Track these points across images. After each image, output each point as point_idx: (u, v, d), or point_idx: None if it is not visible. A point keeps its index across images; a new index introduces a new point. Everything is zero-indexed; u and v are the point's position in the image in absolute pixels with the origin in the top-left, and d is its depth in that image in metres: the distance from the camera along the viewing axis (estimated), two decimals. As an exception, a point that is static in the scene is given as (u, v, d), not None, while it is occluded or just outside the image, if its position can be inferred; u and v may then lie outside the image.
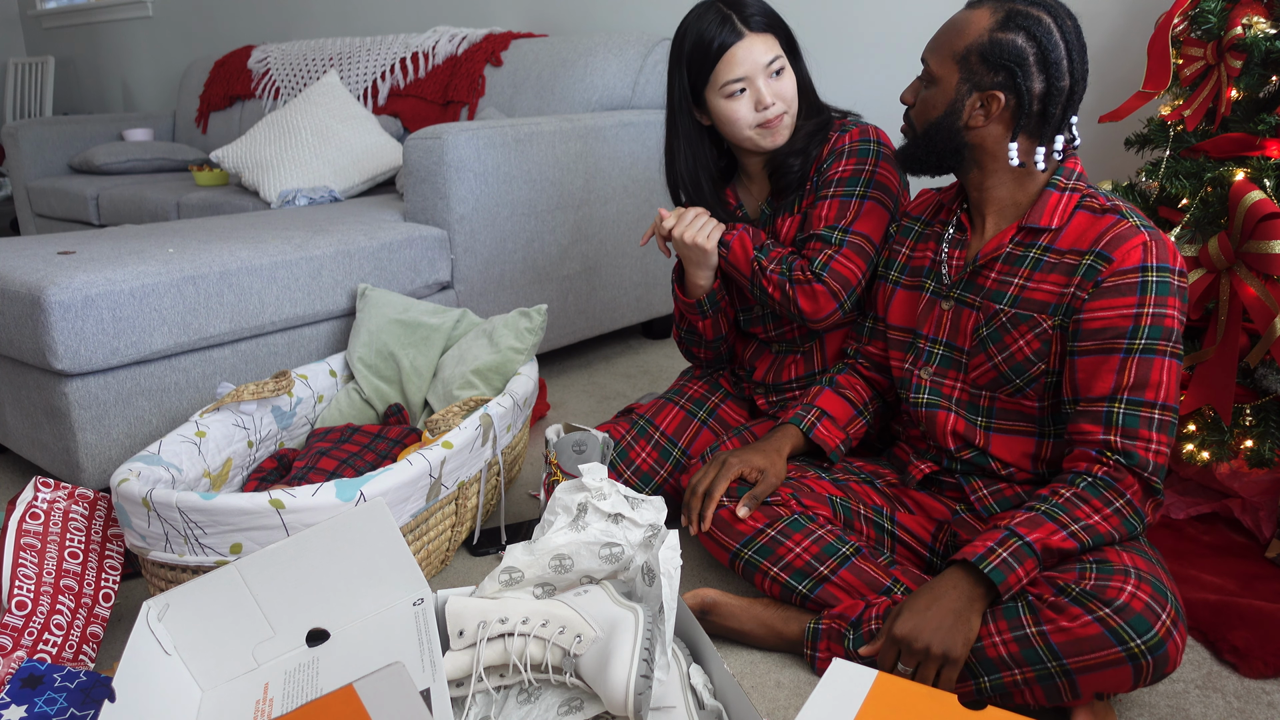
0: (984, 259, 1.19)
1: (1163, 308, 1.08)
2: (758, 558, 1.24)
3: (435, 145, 2.00)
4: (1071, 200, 1.15)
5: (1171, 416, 1.09)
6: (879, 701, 0.80)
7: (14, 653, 1.11)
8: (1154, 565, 1.04)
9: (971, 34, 1.12)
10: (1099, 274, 1.09)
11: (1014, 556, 1.04)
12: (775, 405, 1.57)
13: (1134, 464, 1.08)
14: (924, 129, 1.18)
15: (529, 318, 1.73)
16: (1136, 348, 1.08)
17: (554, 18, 3.08)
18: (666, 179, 1.55)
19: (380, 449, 1.59)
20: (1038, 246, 1.16)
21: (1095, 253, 1.10)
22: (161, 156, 3.54)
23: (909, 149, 1.22)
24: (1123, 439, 1.08)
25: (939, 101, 1.16)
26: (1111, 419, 1.09)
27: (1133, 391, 1.08)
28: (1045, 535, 1.05)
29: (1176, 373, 1.09)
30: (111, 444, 1.61)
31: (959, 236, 1.25)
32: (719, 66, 1.39)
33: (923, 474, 1.30)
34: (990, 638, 1.03)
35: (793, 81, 1.42)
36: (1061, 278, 1.13)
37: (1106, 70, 2.10)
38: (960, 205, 1.27)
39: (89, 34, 4.95)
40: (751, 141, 1.42)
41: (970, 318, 1.22)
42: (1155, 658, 0.97)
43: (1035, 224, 1.15)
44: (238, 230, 1.97)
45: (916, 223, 1.35)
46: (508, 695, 1.03)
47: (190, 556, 1.20)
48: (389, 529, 1.08)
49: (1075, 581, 1.01)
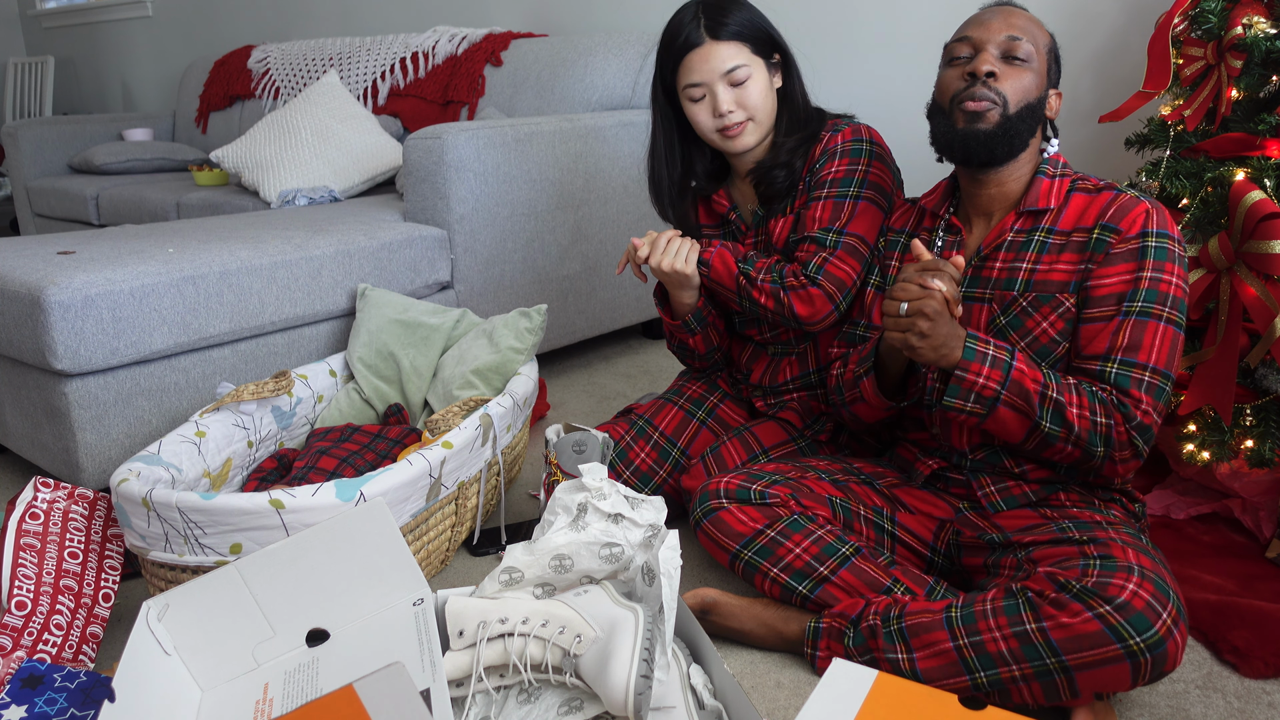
0: (987, 249, 1.21)
1: (1160, 272, 1.11)
2: (757, 559, 1.24)
3: (435, 145, 2.00)
4: (1063, 184, 1.20)
5: (1161, 381, 1.11)
6: (879, 701, 0.80)
7: (14, 653, 1.11)
8: (1157, 564, 1.03)
9: (1044, 32, 1.19)
10: (1109, 245, 1.13)
11: (994, 360, 1.12)
12: (773, 407, 1.56)
13: (1124, 411, 1.10)
14: (1019, 110, 1.16)
15: (529, 318, 1.73)
16: (1134, 310, 1.12)
17: (554, 18, 3.08)
18: (652, 190, 1.53)
19: (380, 449, 1.59)
20: (1040, 230, 1.19)
21: (1102, 225, 1.14)
22: (161, 156, 3.54)
23: (998, 128, 1.15)
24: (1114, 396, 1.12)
25: (1035, 85, 1.16)
26: (1104, 377, 1.12)
27: (1126, 352, 1.11)
28: (1027, 371, 1.11)
29: (1172, 339, 1.11)
30: (111, 444, 1.61)
31: (952, 239, 1.26)
32: (680, 69, 1.39)
33: (930, 469, 1.29)
34: (990, 633, 1.03)
35: (761, 90, 1.39)
36: (1075, 255, 1.16)
37: (1106, 70, 2.10)
38: (948, 209, 1.27)
39: (89, 34, 4.95)
40: (715, 145, 1.42)
41: (982, 311, 1.23)
42: (1154, 656, 0.96)
43: (1034, 207, 1.18)
44: (238, 230, 1.97)
45: (902, 235, 1.35)
46: (508, 695, 1.03)
47: (190, 556, 1.20)
48: (389, 529, 1.08)
49: (1077, 578, 1.01)
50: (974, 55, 1.18)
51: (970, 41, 1.18)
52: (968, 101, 1.16)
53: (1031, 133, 1.18)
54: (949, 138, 1.19)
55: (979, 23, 1.19)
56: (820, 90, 2.52)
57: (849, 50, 2.48)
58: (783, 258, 1.46)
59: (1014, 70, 1.16)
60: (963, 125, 1.17)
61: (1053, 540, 1.11)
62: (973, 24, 1.20)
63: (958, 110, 1.17)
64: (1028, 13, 1.20)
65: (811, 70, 1.50)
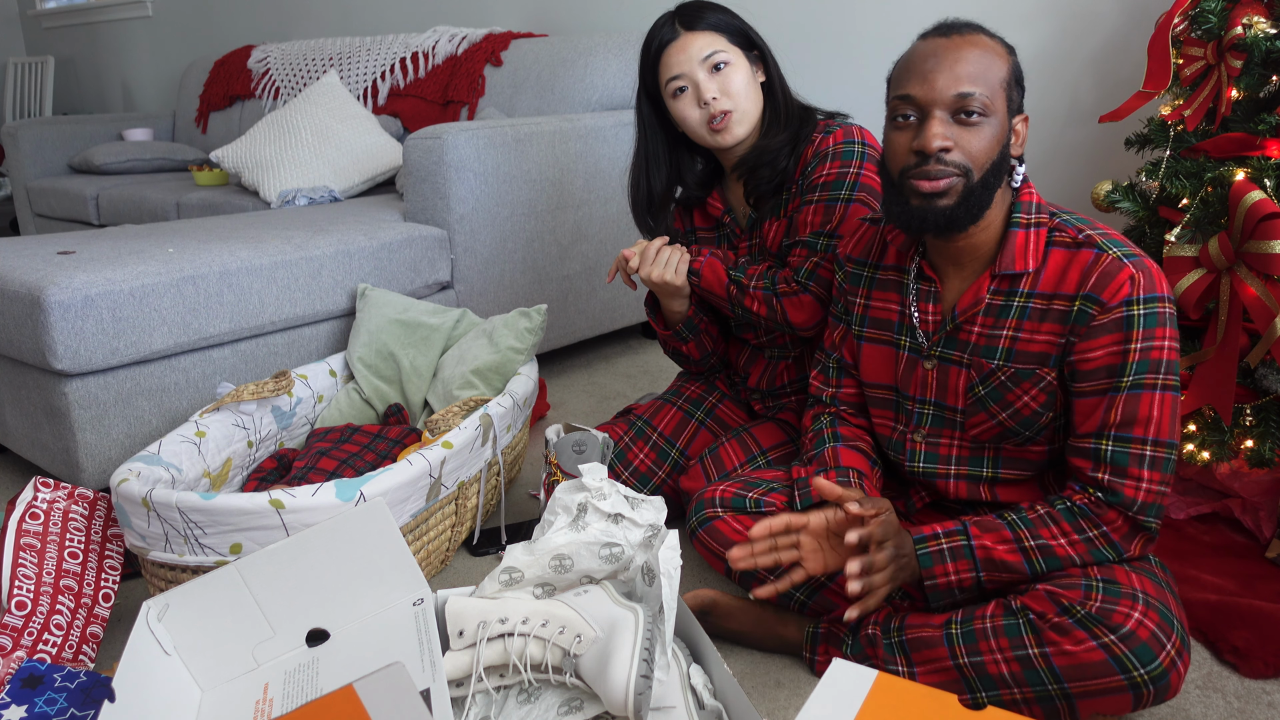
0: (963, 315, 1.12)
1: (1151, 340, 1.01)
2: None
3: (435, 145, 2.00)
4: (1040, 237, 1.07)
5: (1165, 452, 1.03)
6: (879, 701, 0.80)
7: (14, 653, 1.11)
8: (1163, 590, 1.02)
9: (999, 59, 1.03)
10: (1091, 317, 1.03)
11: (951, 553, 1.07)
12: (771, 410, 1.56)
13: (1118, 501, 1.03)
14: (984, 175, 1.02)
15: (529, 318, 1.73)
16: (1124, 385, 1.02)
17: (554, 18, 3.08)
18: (632, 204, 1.52)
19: (380, 449, 1.59)
20: (1019, 294, 1.08)
21: (1084, 295, 1.03)
22: (161, 156, 3.54)
23: (959, 203, 1.03)
24: (1111, 476, 1.03)
25: (996, 138, 1.02)
26: (1100, 456, 1.04)
27: (1120, 428, 1.03)
28: (993, 543, 1.06)
29: (1171, 405, 1.03)
30: (111, 444, 1.61)
31: (926, 288, 1.15)
32: (659, 67, 1.39)
33: (925, 503, 1.28)
34: (991, 654, 1.02)
35: (742, 79, 1.38)
36: (1056, 326, 1.06)
37: (1106, 70, 2.10)
38: (916, 252, 1.17)
39: (89, 34, 4.95)
40: (705, 141, 1.41)
41: (960, 375, 1.14)
42: (1157, 688, 0.96)
43: (1011, 270, 1.07)
44: (238, 230, 1.97)
45: (864, 267, 1.23)
46: (508, 695, 1.03)
47: (190, 556, 1.20)
48: (389, 529, 1.08)
49: (1080, 602, 0.99)
50: (921, 119, 1.02)
51: (913, 102, 1.02)
52: (921, 181, 1.02)
53: (998, 185, 1.05)
54: (904, 216, 1.06)
55: (921, 76, 1.02)
56: (816, 91, 2.51)
57: (844, 51, 2.48)
58: (776, 263, 1.46)
59: (969, 131, 1.01)
60: (917, 204, 1.04)
61: None
62: (914, 76, 1.02)
63: (909, 184, 1.04)
64: (980, 38, 1.03)
65: (807, 71, 1.50)
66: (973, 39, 1.02)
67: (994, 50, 1.03)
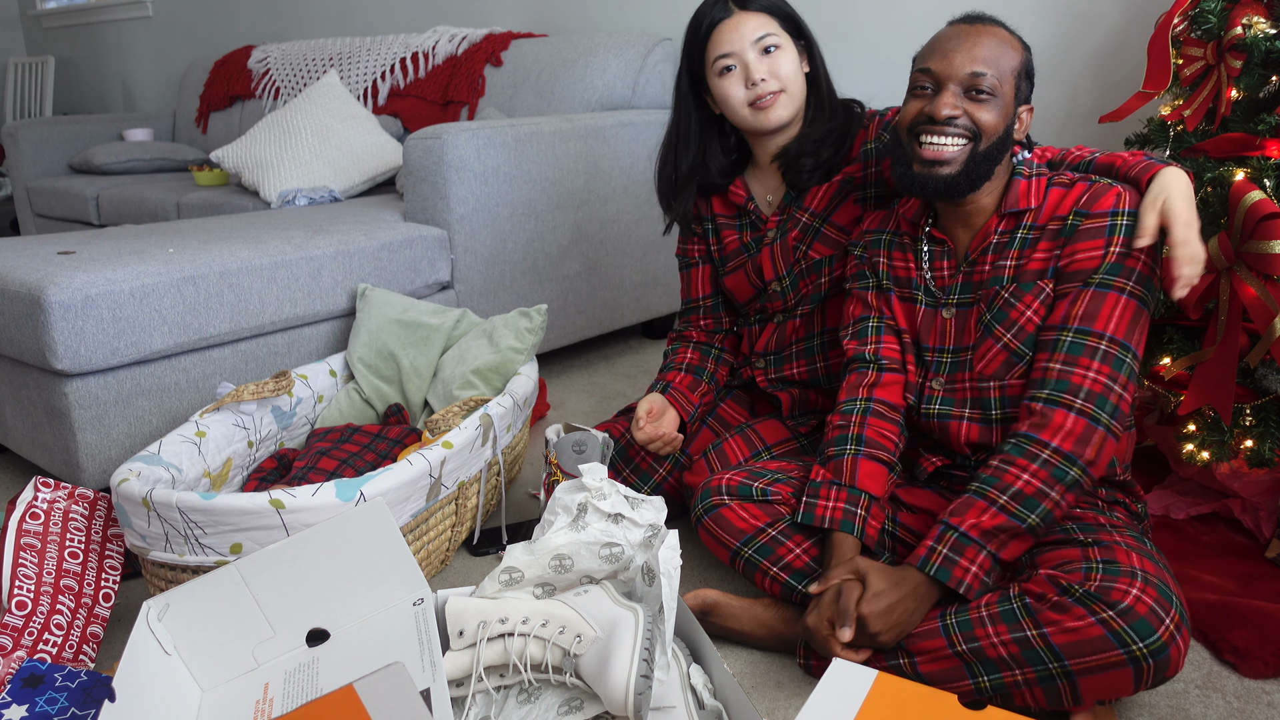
0: (974, 253, 1.20)
1: (1128, 249, 1.10)
2: (758, 556, 1.24)
3: (435, 145, 2.00)
4: (1040, 182, 1.18)
5: (1119, 351, 1.08)
6: (879, 701, 0.80)
7: (14, 653, 1.11)
8: (1161, 569, 1.03)
9: (1014, 50, 1.14)
10: (1078, 226, 1.13)
11: (953, 550, 1.08)
12: (775, 384, 1.55)
13: (1065, 391, 1.08)
14: (989, 146, 1.13)
15: (529, 318, 1.73)
16: (1094, 282, 1.10)
17: (554, 18, 3.08)
18: (657, 182, 1.54)
19: (380, 449, 1.59)
20: (1023, 227, 1.17)
21: (1075, 211, 1.13)
22: (161, 156, 3.54)
23: (960, 172, 1.13)
24: (1061, 365, 1.09)
25: (1000, 117, 1.13)
26: (1056, 346, 1.11)
27: (1082, 321, 1.10)
28: (976, 518, 1.08)
29: (1134, 313, 1.09)
30: (111, 444, 1.61)
31: (939, 249, 1.24)
32: (709, 44, 1.40)
33: (934, 467, 1.29)
34: (988, 639, 1.03)
35: (791, 62, 1.39)
36: (1049, 243, 1.15)
37: (1106, 70, 2.10)
38: (927, 220, 1.25)
39: (89, 34, 4.95)
40: (747, 122, 1.41)
41: (972, 314, 1.21)
42: (1157, 662, 0.97)
43: (1015, 208, 1.17)
44: (238, 230, 1.97)
45: (881, 234, 1.32)
46: (508, 695, 1.03)
47: (190, 556, 1.20)
48: (389, 529, 1.08)
49: (1080, 582, 1.00)
50: (935, 91, 1.13)
51: (932, 75, 1.13)
52: (926, 149, 1.13)
53: (999, 160, 1.15)
54: (906, 179, 1.16)
55: (942, 53, 1.13)
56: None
57: (848, 50, 2.48)
58: (818, 226, 1.46)
59: (977, 106, 1.12)
60: (919, 170, 1.14)
61: (1056, 542, 1.11)
62: (935, 53, 1.14)
63: (915, 146, 1.14)
64: (999, 30, 1.14)
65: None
66: (992, 29, 1.14)
67: (1010, 42, 1.14)
